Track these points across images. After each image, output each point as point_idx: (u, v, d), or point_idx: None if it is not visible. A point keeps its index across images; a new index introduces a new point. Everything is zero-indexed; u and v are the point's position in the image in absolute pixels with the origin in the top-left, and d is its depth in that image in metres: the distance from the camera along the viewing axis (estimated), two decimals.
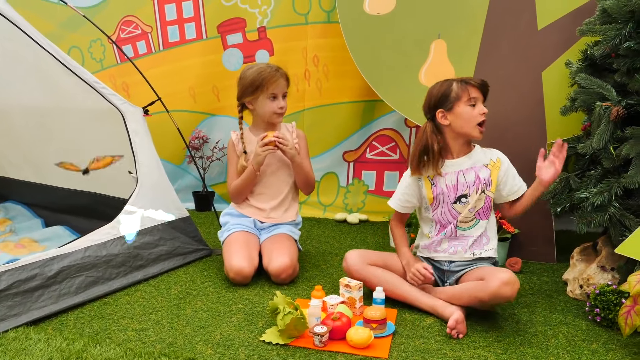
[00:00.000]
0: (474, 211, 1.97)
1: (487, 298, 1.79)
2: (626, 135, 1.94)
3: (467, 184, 1.97)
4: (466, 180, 1.97)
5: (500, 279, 1.76)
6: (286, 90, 2.40)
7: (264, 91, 2.32)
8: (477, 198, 1.96)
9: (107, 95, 2.32)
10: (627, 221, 1.95)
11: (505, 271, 1.81)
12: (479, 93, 1.92)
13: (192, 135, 3.43)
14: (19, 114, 2.89)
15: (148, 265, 2.28)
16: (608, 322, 1.83)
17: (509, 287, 1.75)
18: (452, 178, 1.98)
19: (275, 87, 2.33)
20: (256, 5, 3.25)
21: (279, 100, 2.36)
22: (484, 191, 1.96)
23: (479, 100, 1.92)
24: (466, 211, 1.96)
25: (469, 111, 1.91)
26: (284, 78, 2.37)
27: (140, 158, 2.39)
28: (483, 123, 1.93)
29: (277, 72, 2.34)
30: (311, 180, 2.44)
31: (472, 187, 1.96)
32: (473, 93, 1.91)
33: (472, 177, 1.97)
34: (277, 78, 2.33)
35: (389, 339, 1.74)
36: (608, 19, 2.06)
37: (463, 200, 1.97)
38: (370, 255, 2.09)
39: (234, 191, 2.43)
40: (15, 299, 1.84)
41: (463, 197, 1.97)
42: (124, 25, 3.45)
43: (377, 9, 2.79)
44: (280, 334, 1.72)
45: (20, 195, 3.19)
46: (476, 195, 1.96)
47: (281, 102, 2.37)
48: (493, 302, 1.82)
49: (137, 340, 1.73)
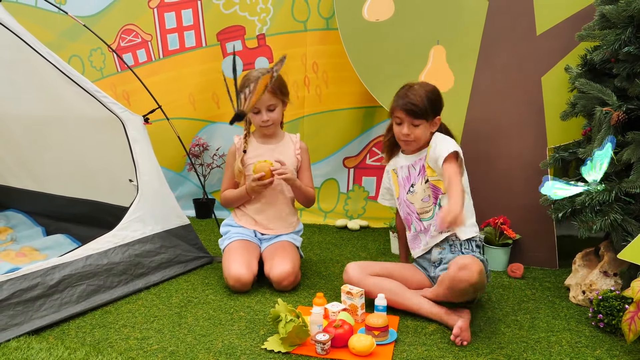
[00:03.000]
0: (429, 200, 2.02)
1: (448, 284, 1.83)
2: (627, 140, 1.94)
3: (413, 175, 2.06)
4: (414, 172, 2.07)
5: (457, 263, 1.81)
6: (273, 102, 2.29)
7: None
8: (424, 188, 2.02)
9: (108, 104, 2.32)
10: (629, 226, 1.94)
11: (467, 257, 1.85)
12: (403, 115, 1.99)
13: (192, 142, 3.43)
14: (20, 123, 2.90)
15: (149, 273, 2.28)
16: (611, 328, 1.82)
17: (465, 271, 1.78)
18: (405, 171, 2.10)
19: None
20: (255, 13, 3.26)
21: (261, 114, 2.29)
22: (427, 180, 2.01)
23: (404, 121, 2.00)
24: (419, 201, 2.04)
25: (395, 128, 2.05)
26: (268, 90, 2.17)
27: (140, 166, 2.39)
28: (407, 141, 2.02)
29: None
30: (311, 197, 2.42)
31: (418, 176, 2.05)
32: (397, 114, 2.01)
33: (418, 168, 2.06)
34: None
35: (391, 346, 1.73)
36: (607, 24, 2.06)
37: (411, 190, 2.06)
38: (372, 266, 2.09)
39: (225, 201, 2.45)
40: (16, 308, 1.83)
41: (411, 187, 2.07)
42: (124, 34, 3.46)
43: (376, 15, 2.79)
44: (282, 342, 1.71)
45: (21, 203, 3.19)
46: (422, 186, 2.03)
47: (263, 115, 2.29)
48: (455, 288, 1.82)
49: (139, 349, 1.72)
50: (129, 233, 2.28)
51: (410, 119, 1.98)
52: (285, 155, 2.39)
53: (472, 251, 1.98)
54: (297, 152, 2.42)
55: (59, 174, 2.94)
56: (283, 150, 2.41)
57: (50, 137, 2.82)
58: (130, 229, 2.29)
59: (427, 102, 1.98)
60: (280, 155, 2.37)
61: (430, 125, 2.02)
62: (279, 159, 2.30)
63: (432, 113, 2.00)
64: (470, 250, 1.98)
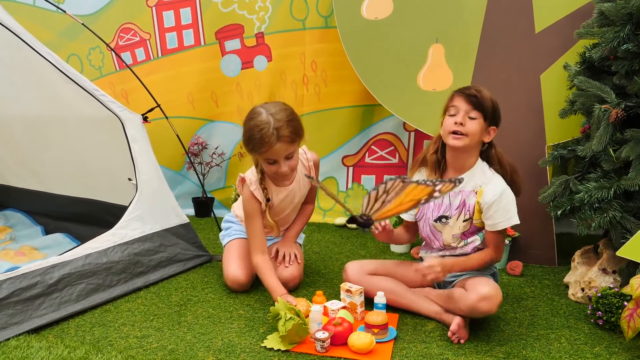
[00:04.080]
0: (458, 236, 1.91)
1: (465, 310, 1.75)
2: (626, 138, 1.94)
3: (450, 206, 1.89)
4: (451, 202, 1.90)
5: (478, 293, 1.71)
6: (292, 150, 1.97)
7: (259, 155, 1.99)
8: (462, 225, 1.88)
9: (106, 103, 2.32)
10: (628, 223, 1.94)
11: (487, 284, 1.75)
12: (462, 102, 1.82)
13: (191, 141, 3.43)
14: (19, 122, 2.89)
15: (148, 271, 2.28)
16: (610, 325, 1.83)
17: (486, 302, 1.70)
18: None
19: (270, 154, 1.95)
20: (254, 12, 3.26)
21: (278, 164, 1.98)
22: (471, 218, 1.87)
23: (461, 110, 1.82)
24: (449, 236, 1.91)
25: (447, 120, 1.86)
26: (285, 141, 1.92)
27: (139, 165, 2.39)
28: (457, 132, 1.82)
29: (271, 137, 1.90)
30: (309, 219, 2.41)
31: (455, 210, 1.89)
32: (455, 102, 1.85)
33: (458, 200, 1.89)
34: (272, 144, 1.91)
35: (390, 344, 1.74)
36: (606, 21, 2.07)
37: (443, 221, 1.90)
38: (370, 265, 2.07)
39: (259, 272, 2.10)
40: (16, 307, 1.83)
41: (444, 218, 1.90)
42: (123, 33, 3.45)
43: (375, 13, 2.80)
44: (282, 339, 1.71)
45: (20, 203, 3.18)
46: (458, 222, 1.88)
47: (281, 166, 1.98)
48: (473, 314, 1.76)
49: (139, 348, 1.72)
50: (128, 232, 2.28)
51: (469, 107, 1.80)
52: (302, 186, 2.24)
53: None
54: (310, 169, 2.24)
55: (58, 173, 2.93)
56: (301, 183, 2.23)
57: (49, 137, 2.81)
58: (130, 228, 2.29)
59: (491, 102, 1.83)
60: (301, 189, 2.23)
61: (485, 131, 1.85)
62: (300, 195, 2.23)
63: (491, 117, 1.84)
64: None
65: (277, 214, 2.23)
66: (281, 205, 2.21)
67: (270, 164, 1.99)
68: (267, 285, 2.05)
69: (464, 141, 1.82)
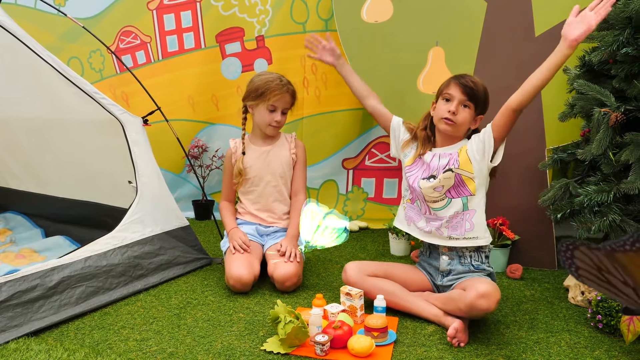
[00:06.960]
0: (443, 190, 1.97)
1: (465, 309, 1.78)
2: (625, 141, 1.95)
3: (438, 167, 1.98)
4: (439, 163, 1.99)
5: (477, 291, 1.74)
6: (289, 106, 2.40)
7: (265, 101, 2.33)
8: (445, 177, 1.95)
9: (107, 106, 2.32)
10: (628, 227, 1.95)
11: (485, 282, 1.79)
12: (458, 92, 1.93)
13: (191, 144, 3.43)
14: (19, 125, 2.90)
15: (148, 274, 2.28)
16: (610, 329, 1.82)
17: (485, 299, 1.73)
18: (429, 156, 2.02)
19: (276, 100, 2.33)
20: (254, 15, 3.26)
21: (276, 113, 2.36)
22: (452, 169, 1.94)
23: (455, 99, 1.93)
24: (430, 189, 1.97)
25: (441, 105, 1.97)
26: (290, 94, 2.37)
27: (140, 168, 2.39)
28: (449, 120, 1.93)
29: (284, 87, 2.34)
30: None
31: (442, 169, 1.97)
32: (450, 89, 1.95)
33: (445, 161, 1.98)
34: (282, 92, 2.33)
35: (390, 347, 1.74)
36: (605, 25, 2.07)
37: (431, 180, 1.98)
38: (370, 266, 2.08)
39: (220, 212, 2.54)
40: (16, 309, 1.83)
41: (432, 177, 1.99)
42: (123, 36, 3.46)
43: (375, 16, 2.80)
44: (282, 343, 1.71)
45: (21, 205, 3.19)
46: (442, 175, 1.95)
47: (278, 116, 2.36)
48: (471, 313, 1.78)
49: (138, 351, 1.72)
50: (128, 234, 2.28)
51: (464, 97, 1.92)
52: (279, 155, 2.44)
53: (482, 262, 1.97)
54: (292, 150, 2.47)
55: (58, 176, 2.93)
56: (278, 152, 2.46)
57: (50, 139, 2.82)
58: (130, 231, 2.29)
59: (483, 93, 1.95)
60: (275, 156, 2.43)
61: (474, 119, 1.98)
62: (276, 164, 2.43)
63: (481, 106, 1.97)
64: (479, 261, 1.97)
65: (255, 182, 2.44)
66: (257, 165, 2.43)
67: (271, 111, 2.35)
68: (223, 221, 2.49)
69: (454, 128, 1.96)
